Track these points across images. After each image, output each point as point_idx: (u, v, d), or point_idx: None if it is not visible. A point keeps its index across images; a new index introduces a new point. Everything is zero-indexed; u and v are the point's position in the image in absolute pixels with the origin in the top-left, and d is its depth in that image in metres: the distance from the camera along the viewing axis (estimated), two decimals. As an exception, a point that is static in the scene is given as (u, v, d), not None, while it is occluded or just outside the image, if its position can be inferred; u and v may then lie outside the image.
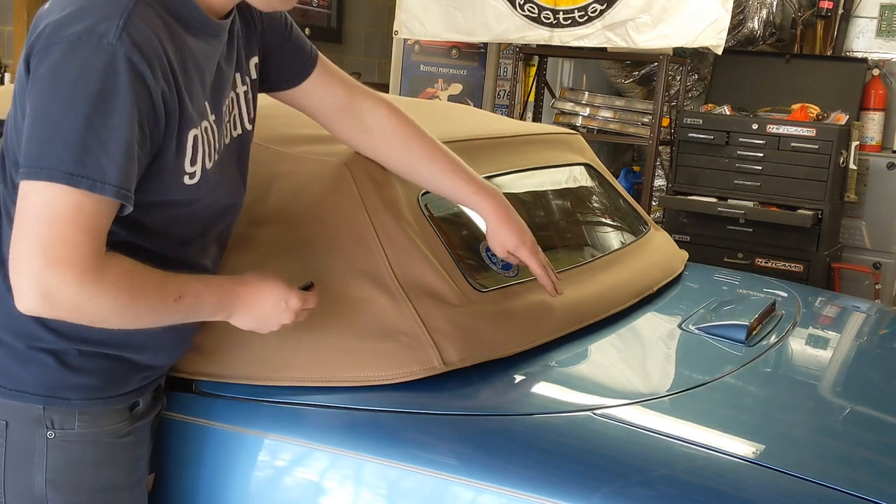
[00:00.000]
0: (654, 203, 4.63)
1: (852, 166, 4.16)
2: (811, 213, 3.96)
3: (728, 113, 4.27)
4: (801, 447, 1.52)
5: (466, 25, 4.36)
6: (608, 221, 2.47)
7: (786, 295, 2.33)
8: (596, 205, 2.49)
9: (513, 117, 4.52)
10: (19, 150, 1.22)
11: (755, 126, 4.08)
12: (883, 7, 4.58)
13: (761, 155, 4.06)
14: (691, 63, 4.60)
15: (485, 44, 4.89)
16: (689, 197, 4.22)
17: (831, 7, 4.51)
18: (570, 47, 4.23)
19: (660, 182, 4.75)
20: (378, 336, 1.51)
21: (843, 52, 4.63)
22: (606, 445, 1.43)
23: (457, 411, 1.48)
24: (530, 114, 4.71)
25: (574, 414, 1.50)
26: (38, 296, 1.15)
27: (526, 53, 4.64)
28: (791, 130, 4.02)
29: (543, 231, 2.20)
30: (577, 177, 2.41)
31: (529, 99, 4.78)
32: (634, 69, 4.80)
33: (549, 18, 4.18)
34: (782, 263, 4.06)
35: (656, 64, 4.25)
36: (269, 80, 1.54)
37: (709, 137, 4.16)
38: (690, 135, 4.19)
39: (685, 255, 2.44)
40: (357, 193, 1.60)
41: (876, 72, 4.45)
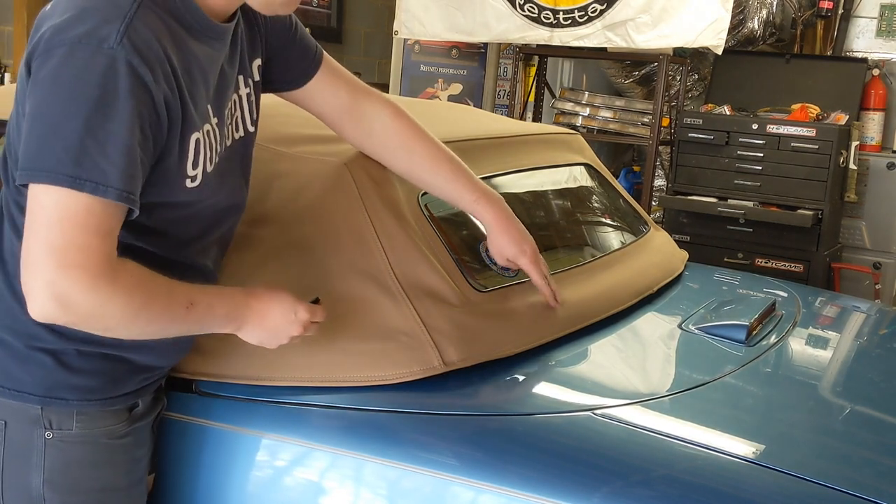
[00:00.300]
0: (654, 203, 4.63)
1: (852, 166, 4.16)
2: (811, 213, 3.95)
3: (728, 113, 4.26)
4: (801, 447, 1.52)
5: (466, 25, 4.36)
6: (608, 221, 2.47)
7: (786, 295, 2.33)
8: (596, 205, 2.49)
9: (513, 117, 4.52)
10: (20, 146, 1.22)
11: (755, 126, 4.08)
12: (883, 7, 4.57)
13: (761, 155, 4.06)
14: (691, 63, 4.60)
15: (485, 44, 4.89)
16: (689, 197, 4.22)
17: (831, 7, 4.50)
18: (570, 47, 4.23)
19: (660, 182, 4.75)
20: (378, 336, 1.51)
21: (843, 52, 4.63)
22: (606, 445, 1.43)
23: (457, 411, 1.48)
24: (530, 114, 4.71)
25: (574, 414, 1.49)
26: (52, 301, 1.15)
27: (526, 53, 4.64)
28: (791, 130, 4.02)
29: (543, 231, 2.20)
30: (577, 177, 2.41)
31: (529, 99, 4.78)
32: (634, 69, 4.80)
33: (549, 18, 4.18)
34: (782, 263, 4.05)
35: (656, 64, 4.24)
36: (273, 82, 1.54)
37: (709, 137, 4.15)
38: (690, 135, 4.19)
39: (685, 255, 2.43)
40: (357, 193, 1.60)
41: (876, 72, 4.44)
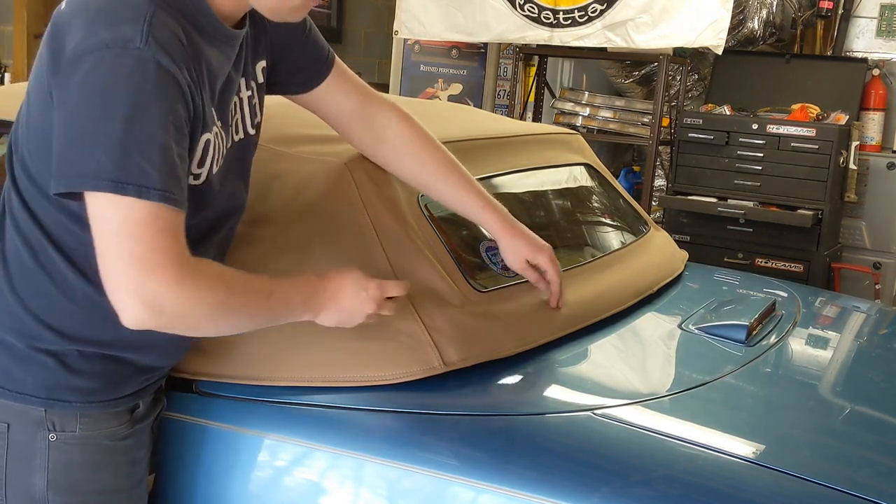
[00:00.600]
0: (654, 203, 4.63)
1: (852, 166, 4.16)
2: (811, 213, 3.95)
3: (728, 113, 4.26)
4: (801, 447, 1.52)
5: (466, 25, 4.36)
6: (608, 221, 2.47)
7: (786, 295, 2.33)
8: (596, 205, 2.49)
9: (513, 117, 4.52)
10: (28, 145, 1.22)
11: (755, 126, 4.08)
12: (883, 7, 4.57)
13: (761, 155, 4.06)
14: (691, 63, 4.60)
15: (485, 44, 4.89)
16: (689, 197, 4.22)
17: (831, 7, 4.50)
18: (570, 47, 4.23)
19: (660, 182, 4.75)
20: (378, 336, 1.51)
21: (843, 52, 4.62)
22: (606, 445, 1.43)
23: (457, 411, 1.48)
24: (530, 114, 4.71)
25: (574, 414, 1.50)
26: (143, 306, 1.14)
27: (526, 53, 4.63)
28: (791, 130, 4.02)
29: (543, 231, 2.19)
30: (577, 177, 2.41)
31: (529, 99, 4.78)
32: (634, 69, 4.80)
33: (549, 18, 4.18)
34: (782, 263, 4.05)
35: (656, 64, 4.24)
36: (282, 84, 1.53)
37: (709, 137, 4.15)
38: (690, 135, 4.19)
39: (685, 255, 2.43)
40: (357, 193, 1.60)
41: (876, 72, 4.44)
